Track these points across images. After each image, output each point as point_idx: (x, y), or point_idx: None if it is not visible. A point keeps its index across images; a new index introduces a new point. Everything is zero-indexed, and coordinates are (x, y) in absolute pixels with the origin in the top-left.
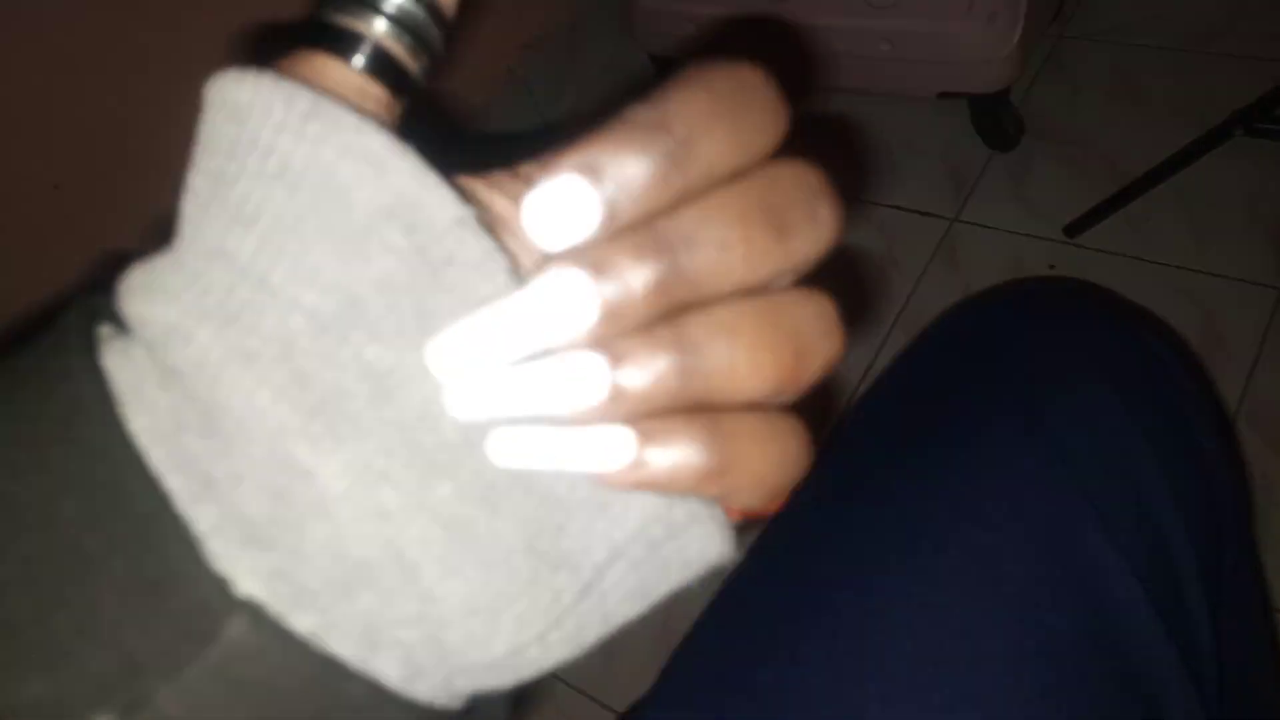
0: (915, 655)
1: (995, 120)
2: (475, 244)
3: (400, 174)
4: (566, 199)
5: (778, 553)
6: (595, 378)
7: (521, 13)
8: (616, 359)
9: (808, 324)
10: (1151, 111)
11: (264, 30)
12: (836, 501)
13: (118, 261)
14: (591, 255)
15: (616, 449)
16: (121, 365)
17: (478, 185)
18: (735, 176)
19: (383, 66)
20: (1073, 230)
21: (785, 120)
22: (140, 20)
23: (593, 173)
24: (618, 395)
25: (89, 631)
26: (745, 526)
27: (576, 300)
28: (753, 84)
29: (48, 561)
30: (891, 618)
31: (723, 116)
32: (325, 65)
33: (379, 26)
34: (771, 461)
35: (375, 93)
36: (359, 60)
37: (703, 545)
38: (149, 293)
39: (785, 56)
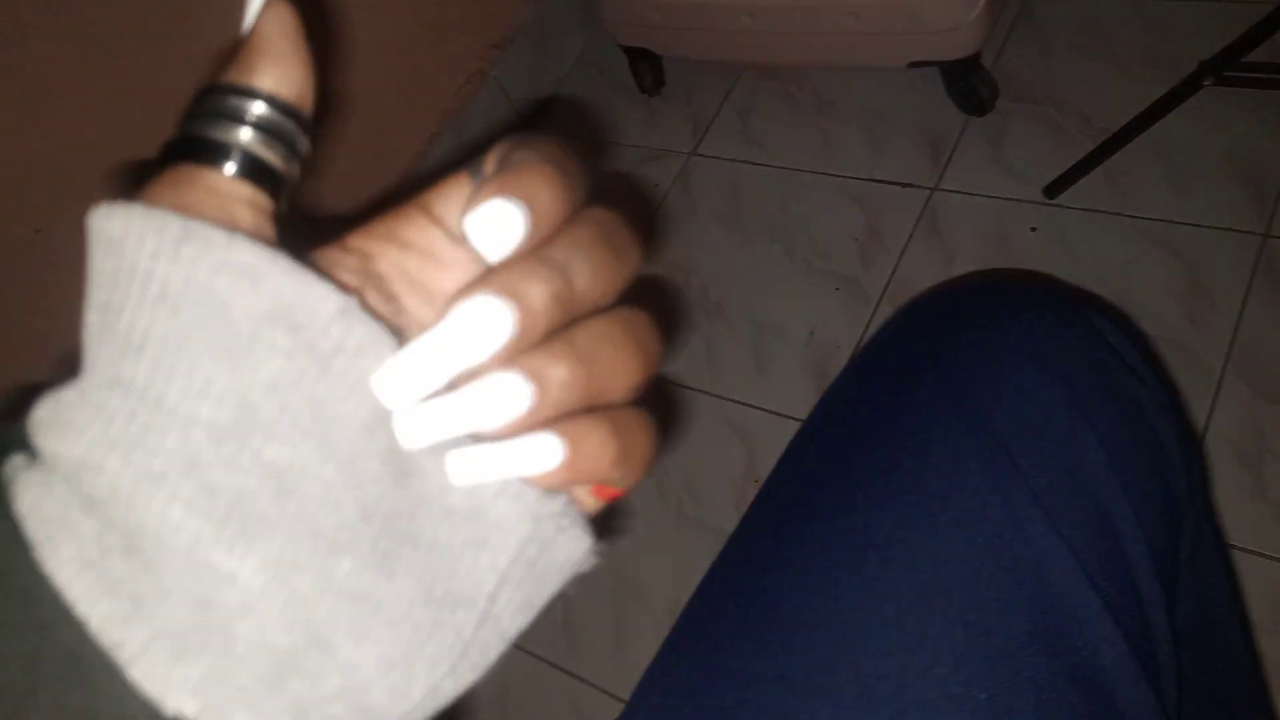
0: (864, 670)
1: (968, 86)
2: (361, 329)
3: (274, 279)
4: (504, 218)
5: (733, 572)
6: (518, 392)
7: (487, 13)
8: (531, 375)
9: (648, 331)
10: (1125, 65)
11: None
12: (790, 518)
13: (26, 395)
14: (500, 281)
15: (550, 452)
16: (42, 498)
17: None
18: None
19: (254, 170)
20: (1052, 190)
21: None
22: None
23: (521, 199)
24: (537, 405)
25: None
26: (612, 513)
27: (495, 319)
28: (568, 157)
29: None
30: (840, 633)
31: (574, 172)
32: (199, 175)
33: (244, 135)
34: (652, 444)
35: (249, 195)
36: (230, 167)
37: (570, 551)
38: (57, 428)
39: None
